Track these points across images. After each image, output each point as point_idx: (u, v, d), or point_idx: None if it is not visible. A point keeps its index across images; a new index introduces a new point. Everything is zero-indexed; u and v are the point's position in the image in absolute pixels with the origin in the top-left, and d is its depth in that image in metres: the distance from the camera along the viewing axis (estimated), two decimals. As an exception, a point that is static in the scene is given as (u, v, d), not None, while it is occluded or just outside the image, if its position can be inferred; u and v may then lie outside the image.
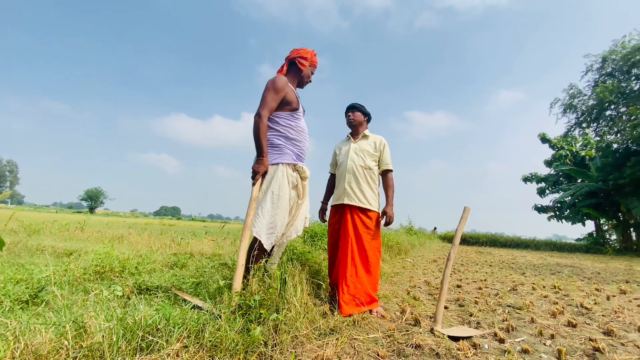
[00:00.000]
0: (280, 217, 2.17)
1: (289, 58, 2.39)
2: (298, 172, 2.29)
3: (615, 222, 16.55)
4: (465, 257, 8.54)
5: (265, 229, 2.12)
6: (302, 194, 2.33)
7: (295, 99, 2.30)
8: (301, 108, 2.36)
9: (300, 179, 2.31)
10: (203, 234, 8.65)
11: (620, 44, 16.00)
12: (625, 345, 1.93)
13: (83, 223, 8.13)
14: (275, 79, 2.23)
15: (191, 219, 61.68)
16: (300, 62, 2.37)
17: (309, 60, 2.40)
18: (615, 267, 7.36)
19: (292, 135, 2.27)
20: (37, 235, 6.13)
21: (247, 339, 1.51)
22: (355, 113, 2.71)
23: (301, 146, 2.32)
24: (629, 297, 3.45)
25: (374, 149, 2.64)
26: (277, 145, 2.23)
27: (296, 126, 2.30)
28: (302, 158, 2.35)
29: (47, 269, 2.58)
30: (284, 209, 2.19)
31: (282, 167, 2.20)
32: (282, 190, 2.17)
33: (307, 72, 2.44)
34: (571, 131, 19.16)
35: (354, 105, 2.72)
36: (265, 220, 2.12)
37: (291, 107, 2.27)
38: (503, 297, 3.18)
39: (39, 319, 1.66)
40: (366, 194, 2.56)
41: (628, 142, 14.98)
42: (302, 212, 2.34)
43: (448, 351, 1.70)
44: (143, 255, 3.81)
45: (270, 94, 2.17)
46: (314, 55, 2.42)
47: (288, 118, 2.27)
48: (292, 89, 2.31)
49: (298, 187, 2.30)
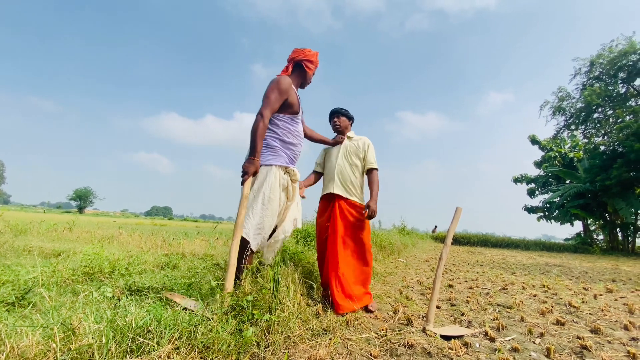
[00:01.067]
0: (269, 219, 2.18)
1: (294, 59, 2.34)
2: (289, 175, 2.29)
3: (602, 222, 16.91)
4: (457, 257, 8.63)
5: (253, 229, 2.12)
6: (291, 196, 2.33)
7: (296, 102, 2.28)
8: (301, 111, 2.35)
9: (291, 181, 2.31)
10: (195, 234, 8.57)
11: (608, 49, 16.36)
12: (612, 343, 1.97)
13: (72, 223, 7.98)
14: (280, 79, 2.19)
15: (183, 219, 61.08)
16: (307, 65, 2.35)
17: (314, 64, 2.39)
18: (602, 266, 7.52)
19: (288, 139, 2.27)
20: (24, 236, 6.00)
21: (239, 340, 1.50)
22: (341, 118, 2.80)
23: (295, 150, 2.33)
24: (615, 296, 3.52)
25: (360, 150, 2.73)
26: (273, 147, 2.22)
27: (294, 130, 2.30)
28: (294, 161, 2.36)
29: (34, 270, 2.53)
30: (273, 211, 2.19)
31: (275, 169, 2.20)
32: (273, 192, 2.17)
33: (311, 75, 2.43)
34: (560, 133, 19.53)
35: (338, 110, 2.80)
36: (254, 222, 2.13)
37: (292, 110, 2.26)
38: (494, 297, 3.22)
39: (26, 321, 1.63)
40: (353, 189, 2.66)
41: (615, 144, 15.31)
42: (291, 214, 2.34)
43: (440, 350, 1.72)
44: (134, 255, 3.76)
45: (274, 94, 2.15)
46: (317, 56, 2.41)
47: (287, 121, 2.26)
48: (295, 92, 2.29)
49: (288, 189, 2.31)
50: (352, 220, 2.59)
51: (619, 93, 16.52)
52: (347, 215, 2.59)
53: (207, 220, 64.99)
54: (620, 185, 13.74)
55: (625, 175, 13.44)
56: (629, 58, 15.48)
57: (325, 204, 2.75)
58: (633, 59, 15.40)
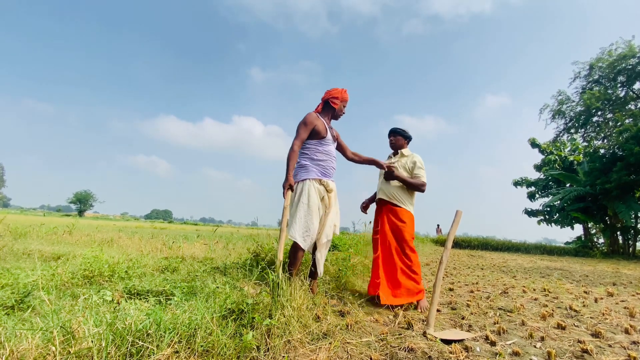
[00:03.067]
0: (313, 223, 2.60)
1: (323, 99, 2.88)
2: (324, 186, 2.73)
3: (602, 225, 16.86)
4: (457, 260, 8.61)
5: (300, 232, 2.55)
6: (328, 205, 2.76)
7: (324, 130, 2.77)
8: (329, 136, 2.82)
9: (326, 191, 2.74)
10: (195, 237, 8.56)
11: (607, 52, 16.43)
12: (613, 347, 1.96)
13: (72, 226, 7.96)
14: (307, 115, 2.75)
15: (183, 223, 60.95)
16: (333, 102, 2.85)
17: (340, 99, 2.87)
18: (603, 269, 7.50)
19: (316, 157, 2.74)
20: (24, 239, 5.99)
21: (239, 344, 1.50)
22: (397, 137, 3.11)
23: (325, 165, 2.77)
24: (616, 300, 3.51)
25: (408, 166, 3.00)
26: (304, 166, 2.72)
27: (322, 150, 2.77)
28: (327, 175, 2.78)
29: (33, 274, 2.53)
30: (314, 215, 2.61)
31: (309, 182, 2.66)
32: (311, 200, 2.62)
33: (339, 107, 2.90)
34: (560, 136, 19.55)
35: (395, 130, 3.12)
36: (299, 226, 2.56)
37: (319, 136, 2.76)
38: (494, 300, 3.21)
39: (25, 324, 1.62)
40: (399, 195, 2.93)
41: (614, 147, 15.31)
42: (330, 220, 2.74)
43: (440, 354, 1.71)
44: (133, 259, 3.75)
45: (302, 127, 2.70)
46: (344, 92, 2.88)
47: (316, 145, 2.76)
48: (322, 122, 2.78)
49: (324, 199, 2.74)
50: (399, 223, 2.88)
51: (619, 96, 16.56)
52: (393, 219, 2.92)
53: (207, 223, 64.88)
54: (620, 188, 13.71)
55: (625, 178, 13.43)
56: (628, 62, 15.54)
57: (377, 210, 3.12)
58: (632, 63, 15.47)
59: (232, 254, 4.84)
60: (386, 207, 2.98)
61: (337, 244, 5.80)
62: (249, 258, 3.85)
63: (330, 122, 2.94)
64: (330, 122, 2.93)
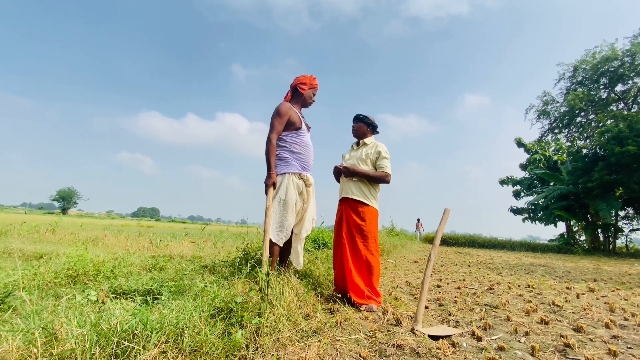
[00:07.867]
0: (288, 218, 2.54)
1: (292, 85, 2.78)
2: (303, 180, 2.67)
3: (584, 223, 17.35)
4: (445, 257, 8.74)
5: (275, 227, 2.50)
6: (306, 199, 2.72)
7: (298, 120, 2.67)
8: (304, 126, 2.73)
9: (305, 185, 2.68)
10: (183, 235, 8.44)
11: (591, 54, 16.88)
12: (594, 341, 2.02)
13: (55, 224, 7.75)
14: (279, 106, 2.64)
15: (171, 221, 60.03)
16: (300, 88, 2.75)
17: (307, 85, 2.77)
18: (585, 266, 7.73)
19: (296, 150, 2.66)
20: (4, 238, 5.80)
21: (227, 343, 1.48)
22: (359, 124, 2.92)
23: (305, 158, 2.70)
24: (597, 295, 3.63)
25: (370, 155, 2.81)
26: (285, 159, 2.63)
27: (300, 142, 2.68)
28: (306, 168, 2.72)
29: (14, 273, 2.45)
30: (289, 211, 2.55)
31: (289, 176, 2.60)
32: (288, 195, 2.55)
33: (309, 94, 2.79)
34: (545, 136, 20.02)
35: (357, 116, 2.93)
36: (274, 221, 2.51)
37: (295, 127, 2.66)
38: (481, 297, 3.28)
39: (6, 325, 1.57)
40: (362, 190, 2.76)
41: (596, 147, 15.77)
42: (308, 215, 2.74)
43: (428, 350, 1.73)
44: (119, 257, 3.67)
45: (276, 119, 2.59)
46: (312, 79, 2.78)
47: (293, 136, 2.67)
48: (295, 112, 2.68)
49: (303, 193, 2.68)
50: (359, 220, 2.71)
51: (601, 98, 17.06)
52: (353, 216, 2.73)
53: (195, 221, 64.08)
54: (601, 187, 14.14)
55: (606, 177, 13.85)
56: (611, 64, 16.01)
57: (339, 205, 2.92)
58: (615, 65, 15.93)
59: (221, 252, 4.79)
60: (347, 203, 2.78)
61: (327, 241, 5.82)
62: (238, 256, 3.81)
63: (301, 111, 2.82)
64: (301, 111, 2.80)
